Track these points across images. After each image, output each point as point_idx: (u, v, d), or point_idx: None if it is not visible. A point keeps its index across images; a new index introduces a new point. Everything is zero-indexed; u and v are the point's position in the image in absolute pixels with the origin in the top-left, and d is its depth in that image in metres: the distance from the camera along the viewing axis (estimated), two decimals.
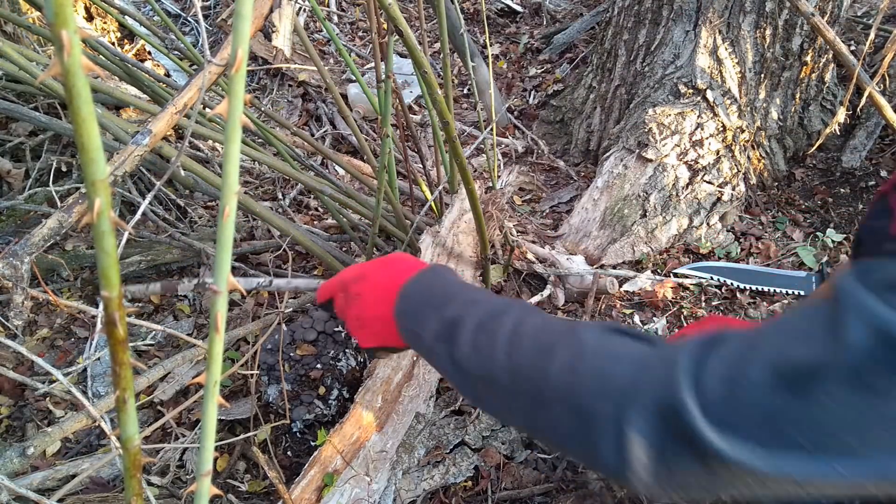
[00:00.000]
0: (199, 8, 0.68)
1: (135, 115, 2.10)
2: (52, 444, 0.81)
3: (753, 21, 1.80)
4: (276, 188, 2.06)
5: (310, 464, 1.01)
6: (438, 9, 1.08)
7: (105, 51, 1.30)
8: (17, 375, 0.93)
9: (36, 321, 1.58)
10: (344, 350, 1.30)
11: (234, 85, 0.25)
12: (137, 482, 0.33)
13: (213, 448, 0.30)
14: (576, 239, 1.78)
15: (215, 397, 0.30)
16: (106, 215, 0.24)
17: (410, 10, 3.15)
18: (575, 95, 2.33)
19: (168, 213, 1.86)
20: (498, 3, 3.16)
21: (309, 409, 1.24)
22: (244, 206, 1.11)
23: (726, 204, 1.78)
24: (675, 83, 1.85)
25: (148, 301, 1.65)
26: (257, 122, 1.29)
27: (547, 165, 2.22)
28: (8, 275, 0.70)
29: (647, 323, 1.51)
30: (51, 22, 0.21)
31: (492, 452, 1.20)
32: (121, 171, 0.76)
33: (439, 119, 0.92)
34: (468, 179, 1.03)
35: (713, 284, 1.59)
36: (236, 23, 0.24)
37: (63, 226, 0.75)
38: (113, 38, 2.61)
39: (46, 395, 1.35)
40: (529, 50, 2.88)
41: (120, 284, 0.26)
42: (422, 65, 0.85)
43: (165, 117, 0.80)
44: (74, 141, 0.51)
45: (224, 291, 0.28)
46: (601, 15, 2.72)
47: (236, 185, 0.26)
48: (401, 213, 1.31)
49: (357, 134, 1.35)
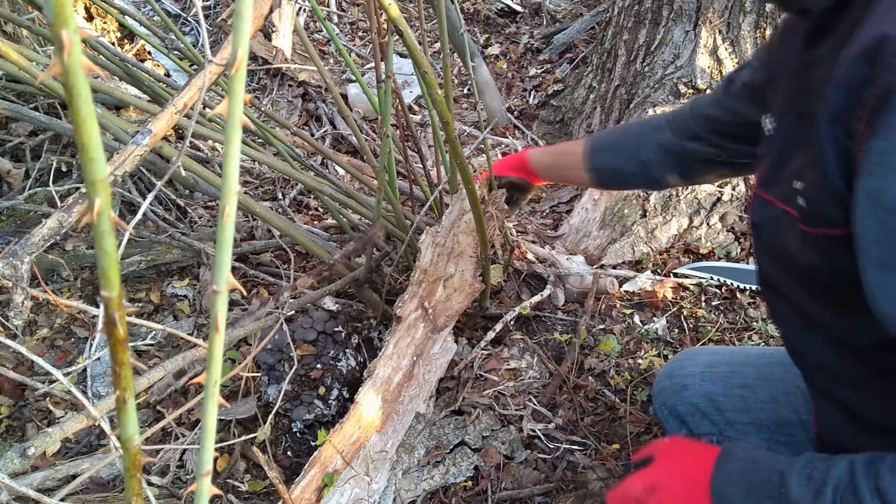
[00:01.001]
0: (199, 8, 0.68)
1: (135, 115, 2.10)
2: (53, 444, 0.81)
3: (753, 21, 1.80)
4: (276, 188, 2.06)
5: (310, 464, 1.01)
6: (438, 9, 1.08)
7: (105, 51, 1.30)
8: (17, 375, 0.93)
9: (36, 321, 1.58)
10: (344, 350, 1.30)
11: (234, 85, 0.25)
12: (137, 482, 0.33)
13: (213, 448, 0.30)
14: (576, 239, 1.78)
15: (215, 397, 0.30)
16: (106, 215, 0.24)
17: (410, 10, 3.15)
18: (575, 95, 2.33)
19: (168, 213, 1.86)
20: (498, 3, 3.16)
21: (309, 409, 1.24)
22: (244, 206, 1.11)
23: (726, 204, 1.78)
24: (675, 83, 1.85)
25: (148, 301, 1.65)
26: (257, 123, 1.29)
27: None
28: (8, 275, 0.70)
29: (647, 323, 1.51)
30: (51, 22, 0.21)
31: (492, 452, 1.20)
32: (121, 171, 0.76)
33: (439, 119, 0.92)
34: (468, 179, 1.03)
35: (713, 284, 1.59)
36: (236, 23, 0.24)
37: (63, 226, 0.75)
38: (113, 38, 2.61)
39: (46, 395, 1.35)
40: (529, 50, 2.88)
41: (120, 284, 0.26)
42: (422, 65, 0.85)
43: (165, 117, 0.80)
44: (74, 141, 0.51)
45: (224, 291, 0.28)
46: (601, 15, 2.72)
47: (236, 185, 0.26)
48: (401, 213, 1.31)
49: (357, 134, 1.35)
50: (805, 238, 0.64)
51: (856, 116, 0.55)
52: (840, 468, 0.61)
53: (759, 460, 0.69)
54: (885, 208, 0.53)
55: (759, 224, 0.74)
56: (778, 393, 0.98)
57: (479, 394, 1.31)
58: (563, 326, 1.52)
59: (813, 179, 0.61)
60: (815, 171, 0.60)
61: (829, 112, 0.57)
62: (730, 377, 1.04)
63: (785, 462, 0.66)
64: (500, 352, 1.42)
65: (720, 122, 0.96)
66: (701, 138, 0.99)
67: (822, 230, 0.62)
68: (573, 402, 1.30)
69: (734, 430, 1.01)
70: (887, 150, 0.52)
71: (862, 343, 0.66)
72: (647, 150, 1.08)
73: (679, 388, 1.07)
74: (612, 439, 1.23)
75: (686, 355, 1.14)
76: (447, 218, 1.30)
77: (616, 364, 1.39)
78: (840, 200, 0.58)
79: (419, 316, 1.21)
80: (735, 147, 0.96)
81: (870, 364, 0.67)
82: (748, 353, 1.09)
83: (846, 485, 0.59)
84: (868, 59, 0.53)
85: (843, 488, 0.59)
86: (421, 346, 1.20)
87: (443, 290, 1.25)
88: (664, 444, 0.80)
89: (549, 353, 1.43)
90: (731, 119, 0.94)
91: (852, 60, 0.55)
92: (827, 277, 0.64)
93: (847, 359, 0.69)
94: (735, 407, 1.01)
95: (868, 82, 0.53)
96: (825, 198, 0.60)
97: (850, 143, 0.56)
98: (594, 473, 1.16)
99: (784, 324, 0.79)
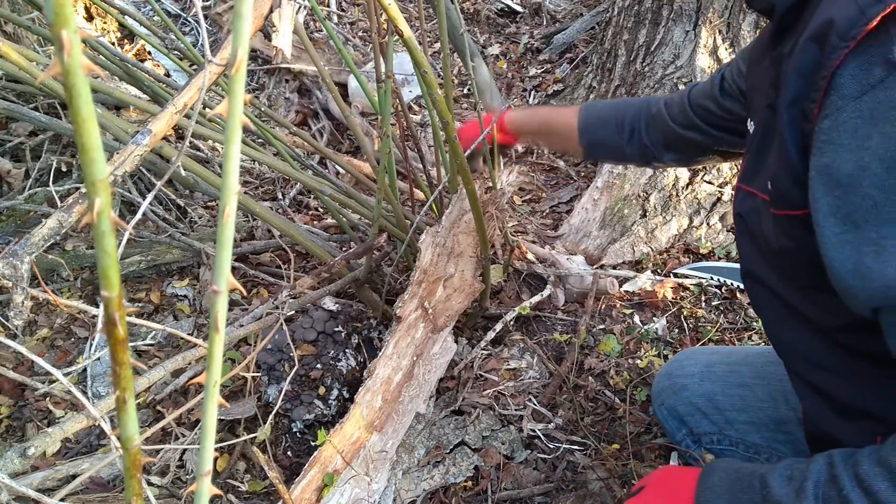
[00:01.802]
0: (199, 8, 0.68)
1: (135, 115, 2.10)
2: (53, 444, 0.81)
3: (753, 21, 1.80)
4: (276, 188, 2.06)
5: (310, 464, 1.01)
6: (438, 9, 1.08)
7: (105, 51, 1.30)
8: (17, 375, 0.93)
9: (36, 321, 1.58)
10: (344, 350, 1.30)
11: (234, 85, 0.25)
12: (137, 482, 0.33)
13: (213, 448, 0.30)
14: (576, 239, 1.78)
15: (215, 397, 0.30)
16: (106, 215, 0.24)
17: (410, 10, 3.15)
18: (575, 95, 2.33)
19: (168, 213, 1.86)
20: (498, 3, 3.16)
21: (309, 409, 1.24)
22: (244, 206, 1.11)
23: (726, 204, 1.78)
24: (676, 83, 1.85)
25: (148, 301, 1.65)
26: (257, 122, 1.29)
27: (547, 165, 2.22)
28: (8, 275, 0.70)
29: (647, 323, 1.51)
30: (51, 22, 0.21)
31: (492, 452, 1.20)
32: (121, 171, 0.76)
33: (439, 119, 0.92)
34: (468, 179, 1.03)
35: (713, 284, 1.59)
36: (236, 23, 0.24)
37: (63, 226, 0.75)
38: (113, 38, 2.61)
39: (46, 395, 1.35)
40: (529, 50, 2.88)
41: (120, 284, 0.26)
42: (422, 65, 0.85)
43: (165, 117, 0.80)
44: (74, 141, 0.51)
45: (224, 291, 0.28)
46: (601, 15, 2.72)
47: (236, 185, 0.26)
48: (401, 213, 1.31)
49: (357, 134, 1.35)
50: (775, 220, 0.67)
51: (810, 98, 0.57)
52: (818, 463, 0.62)
53: (741, 469, 0.71)
54: (835, 183, 0.55)
55: (743, 215, 0.76)
56: (776, 391, 0.99)
57: (479, 394, 1.31)
58: (562, 326, 1.52)
59: (778, 164, 0.64)
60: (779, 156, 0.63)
61: (789, 98, 0.60)
62: (728, 377, 1.04)
63: (766, 468, 0.68)
64: (500, 352, 1.42)
65: (715, 115, 0.98)
66: (697, 127, 1.01)
67: (786, 212, 0.64)
68: (573, 402, 1.30)
69: (733, 429, 1.01)
70: (834, 129, 0.55)
71: (832, 325, 0.68)
72: (646, 131, 1.09)
73: (678, 387, 1.08)
74: (612, 439, 1.23)
75: (685, 355, 1.14)
76: (447, 218, 1.30)
77: (616, 364, 1.39)
78: (800, 182, 0.60)
79: (419, 316, 1.22)
80: (729, 138, 0.99)
81: (841, 346, 0.69)
82: (747, 353, 1.09)
83: (826, 478, 0.60)
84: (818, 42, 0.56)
85: (824, 482, 0.60)
86: (421, 346, 1.20)
87: (443, 290, 1.25)
88: (656, 473, 0.83)
89: (549, 353, 1.43)
90: (724, 114, 0.96)
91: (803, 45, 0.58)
92: (795, 259, 0.66)
93: (821, 343, 0.71)
94: (734, 406, 1.02)
95: (819, 65, 0.56)
96: (788, 180, 0.62)
97: (807, 125, 0.58)
98: (594, 473, 1.16)
99: (763, 312, 0.81)
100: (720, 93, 0.96)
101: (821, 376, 0.73)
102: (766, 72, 0.74)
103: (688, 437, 1.06)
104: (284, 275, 1.64)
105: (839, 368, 0.70)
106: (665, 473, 0.81)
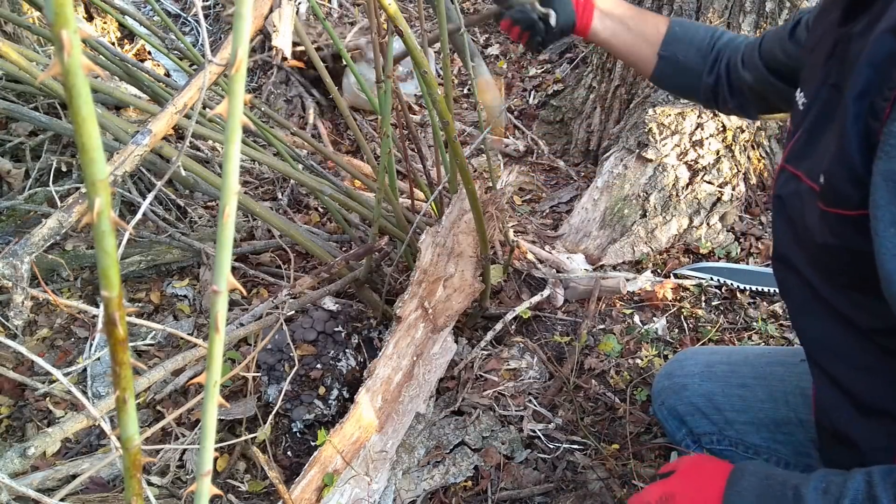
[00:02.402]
0: (199, 8, 0.68)
1: (135, 115, 2.10)
2: (53, 444, 0.81)
3: (753, 21, 1.80)
4: (276, 188, 2.06)
5: (310, 464, 1.01)
6: (438, 9, 1.08)
7: (105, 51, 1.30)
8: (17, 375, 0.93)
9: (36, 321, 1.58)
10: (344, 350, 1.30)
11: (234, 85, 0.25)
12: (137, 482, 0.33)
13: (213, 448, 0.30)
14: (576, 239, 1.78)
15: (215, 397, 0.30)
16: (106, 215, 0.24)
17: (410, 10, 3.15)
18: (575, 95, 2.33)
19: (168, 213, 1.86)
20: None
21: (309, 409, 1.24)
22: (244, 206, 1.11)
23: (726, 204, 1.78)
24: None
25: (148, 301, 1.65)
26: (257, 123, 1.29)
27: (547, 165, 2.22)
28: (8, 275, 0.70)
29: (647, 323, 1.51)
30: (51, 22, 0.21)
31: (492, 452, 1.20)
32: (121, 171, 0.76)
33: (439, 119, 0.92)
34: (468, 179, 1.03)
35: (713, 285, 1.59)
36: (236, 23, 0.24)
37: (63, 226, 0.75)
38: (113, 38, 2.61)
39: (46, 395, 1.35)
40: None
41: (120, 284, 0.26)
42: (422, 65, 0.85)
43: (165, 117, 0.80)
44: (74, 141, 0.51)
45: (224, 291, 0.28)
46: None
47: (236, 185, 0.26)
48: (401, 213, 1.31)
49: (358, 134, 1.35)
50: (822, 216, 0.63)
51: (882, 94, 0.53)
52: (857, 480, 0.60)
53: (772, 476, 0.69)
54: None
55: (783, 197, 0.73)
56: (776, 392, 0.99)
57: (479, 394, 1.31)
58: (562, 327, 1.52)
59: (835, 156, 0.60)
60: (838, 147, 0.59)
61: (857, 88, 0.56)
62: (728, 377, 1.04)
63: (799, 477, 0.66)
64: (500, 352, 1.42)
65: (777, 60, 0.92)
66: (756, 69, 0.95)
67: (837, 210, 0.60)
68: (573, 403, 1.30)
69: (733, 429, 1.01)
70: None
71: (872, 327, 0.66)
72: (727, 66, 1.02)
73: (678, 387, 1.07)
74: (612, 439, 1.23)
75: (685, 355, 1.14)
76: (447, 218, 1.30)
77: (616, 364, 1.39)
78: (857, 180, 0.56)
79: (419, 316, 1.22)
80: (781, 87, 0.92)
81: (876, 345, 0.66)
82: (747, 353, 1.09)
83: (865, 496, 0.58)
84: None
85: (862, 500, 0.58)
86: (421, 346, 1.20)
87: (443, 290, 1.25)
88: (687, 460, 0.81)
89: (549, 354, 1.43)
90: (786, 60, 0.90)
91: (880, 36, 0.54)
92: (841, 258, 0.63)
93: (854, 340, 0.69)
94: (734, 406, 1.01)
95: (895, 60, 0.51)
96: (843, 176, 0.58)
97: (874, 122, 0.54)
98: (594, 473, 1.16)
99: (791, 299, 0.78)
100: (789, 36, 0.89)
101: (845, 371, 0.71)
102: (829, 47, 0.69)
103: (688, 436, 1.06)
104: (284, 275, 1.64)
105: (870, 365, 0.68)
106: (695, 465, 0.79)
